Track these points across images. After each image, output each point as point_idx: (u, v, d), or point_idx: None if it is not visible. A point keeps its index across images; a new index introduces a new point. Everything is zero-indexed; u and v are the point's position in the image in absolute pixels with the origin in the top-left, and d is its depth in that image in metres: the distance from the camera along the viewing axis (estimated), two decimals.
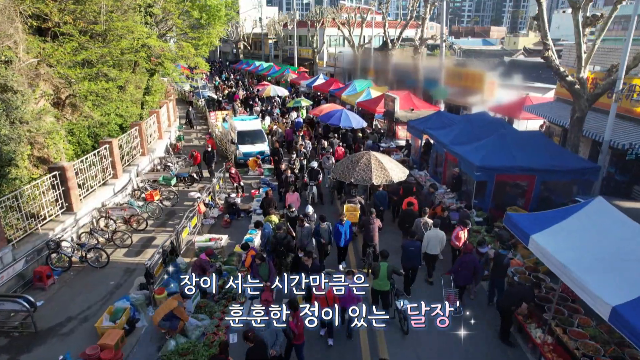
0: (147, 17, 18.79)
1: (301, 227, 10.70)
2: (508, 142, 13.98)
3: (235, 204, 14.26)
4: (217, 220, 14.32)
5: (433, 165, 17.82)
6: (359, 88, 28.58)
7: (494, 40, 79.00)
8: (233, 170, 16.08)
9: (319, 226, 10.77)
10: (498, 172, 13.31)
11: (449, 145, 15.56)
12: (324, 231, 10.74)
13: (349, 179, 12.37)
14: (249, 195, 16.42)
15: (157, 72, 21.76)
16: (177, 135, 24.00)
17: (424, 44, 29.39)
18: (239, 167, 19.48)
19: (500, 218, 13.68)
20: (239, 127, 20.09)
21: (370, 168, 12.31)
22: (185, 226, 11.83)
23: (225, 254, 11.48)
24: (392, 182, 12.26)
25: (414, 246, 10.04)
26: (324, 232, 10.76)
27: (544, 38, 13.45)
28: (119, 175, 15.20)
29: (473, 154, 13.91)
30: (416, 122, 19.41)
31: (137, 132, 17.50)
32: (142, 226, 13.46)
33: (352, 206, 13.31)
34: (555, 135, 20.42)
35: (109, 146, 14.68)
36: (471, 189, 14.65)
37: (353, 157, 12.94)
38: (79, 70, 13.90)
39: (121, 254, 12.03)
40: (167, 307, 8.19)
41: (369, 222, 11.28)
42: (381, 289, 8.83)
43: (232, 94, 35.30)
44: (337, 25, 40.93)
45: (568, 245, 7.58)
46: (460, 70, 28.54)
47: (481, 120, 17.09)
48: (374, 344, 8.55)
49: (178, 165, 18.58)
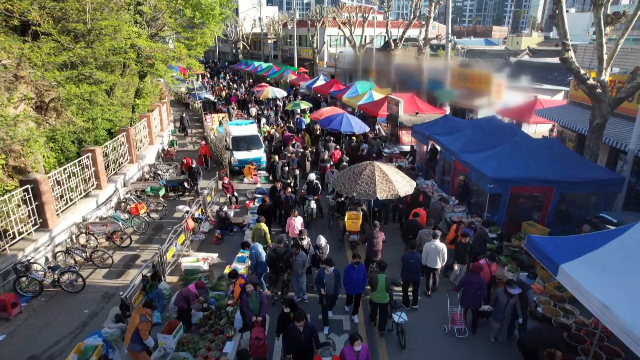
0: (136, 16, 17.71)
1: (295, 256, 9.43)
2: (523, 151, 12.91)
3: (228, 218, 13.16)
4: (208, 235, 13.24)
5: (440, 173, 16.72)
6: (360, 90, 27.50)
7: (497, 40, 77.87)
8: (226, 180, 15.00)
9: (323, 272, 8.62)
10: (513, 184, 12.23)
11: (458, 153, 14.48)
12: (328, 279, 8.56)
13: (350, 192, 11.29)
14: (243, 207, 15.35)
15: (148, 74, 20.71)
16: (170, 140, 22.89)
17: (428, 44, 28.28)
18: (233, 175, 18.45)
19: (514, 233, 12.67)
20: (234, 132, 18.99)
21: (374, 181, 11.23)
22: (171, 245, 10.75)
23: (213, 278, 10.39)
24: (397, 196, 11.18)
25: (414, 258, 9.59)
26: (329, 281, 8.58)
27: (564, 38, 12.35)
28: (103, 186, 14.12)
29: (485, 164, 12.84)
30: (421, 127, 18.33)
31: (125, 139, 16.41)
32: (126, 242, 12.38)
33: (355, 213, 12.34)
34: (568, 140, 19.31)
35: (92, 155, 13.60)
36: (483, 201, 13.57)
37: (355, 167, 11.85)
38: (58, 73, 12.82)
39: (101, 275, 10.94)
40: (132, 324, 7.14)
41: (372, 235, 10.51)
42: (380, 301, 8.57)
43: (229, 96, 34.21)
44: (337, 25, 39.82)
45: (608, 280, 6.49)
46: (466, 71, 27.42)
47: (491, 125, 16.02)
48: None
49: (169, 173, 17.49)
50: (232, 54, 76.60)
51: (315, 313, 9.34)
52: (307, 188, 13.64)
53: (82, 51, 13.73)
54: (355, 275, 8.59)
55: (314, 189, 13.52)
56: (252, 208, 14.66)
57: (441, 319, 9.36)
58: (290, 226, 11.18)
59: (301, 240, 10.12)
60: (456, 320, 9.15)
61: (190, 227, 11.95)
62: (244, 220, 13.72)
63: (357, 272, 8.63)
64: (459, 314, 9.17)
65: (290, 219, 11.30)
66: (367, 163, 11.82)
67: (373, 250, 10.53)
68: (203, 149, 19.36)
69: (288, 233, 10.82)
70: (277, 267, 9.51)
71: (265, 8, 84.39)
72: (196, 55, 22.60)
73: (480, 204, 13.76)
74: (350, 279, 8.62)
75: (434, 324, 9.33)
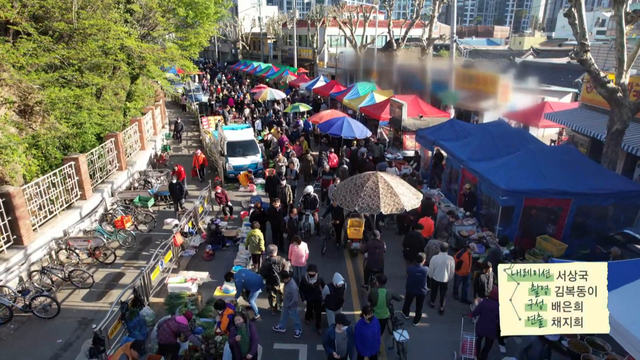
0: (126, 15, 16.80)
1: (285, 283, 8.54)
2: (537, 160, 12.01)
3: (220, 232, 12.25)
4: (199, 250, 12.33)
5: (446, 181, 15.81)
6: (361, 92, 26.58)
7: (499, 40, 76.96)
8: (219, 189, 14.08)
9: (333, 331, 7.06)
10: (527, 195, 11.34)
11: (466, 161, 13.58)
12: (340, 339, 7.05)
13: (352, 206, 10.38)
14: (237, 218, 14.44)
15: (140, 76, 19.80)
16: (163, 144, 21.97)
17: (431, 44, 27.34)
18: (228, 182, 17.55)
19: (528, 249, 11.76)
20: (229, 137, 18.08)
21: (378, 194, 10.32)
22: (156, 265, 9.85)
23: (201, 303, 9.48)
24: (403, 210, 10.27)
25: (420, 272, 9.07)
26: (341, 342, 7.07)
27: (582, 38, 11.42)
28: (87, 196, 13.23)
29: (497, 174, 11.93)
30: (426, 132, 17.43)
31: (113, 145, 15.52)
32: (110, 259, 11.49)
33: (357, 220, 11.55)
34: (580, 146, 18.39)
35: (75, 163, 12.71)
36: (493, 213, 12.66)
37: (357, 179, 10.93)
38: (36, 76, 11.92)
39: (80, 296, 10.04)
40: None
41: (374, 245, 9.94)
42: (379, 317, 8.08)
43: (226, 97, 33.30)
44: (338, 25, 38.90)
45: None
46: (471, 72, 26.48)
47: (500, 131, 15.11)
48: None
49: (160, 181, 16.57)
50: (232, 54, 75.70)
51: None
52: (303, 202, 12.61)
53: (65, 52, 12.82)
54: (368, 332, 7.12)
55: (311, 202, 12.51)
56: (247, 220, 13.75)
57: (449, 343, 8.58)
58: (294, 254, 9.79)
59: (310, 277, 8.41)
60: (466, 349, 8.34)
61: (178, 243, 11.05)
62: (237, 234, 12.82)
63: (370, 328, 7.15)
64: (470, 343, 8.35)
65: (292, 245, 9.87)
66: (369, 174, 10.90)
67: (374, 260, 9.99)
68: (197, 159, 17.78)
69: (290, 260, 9.73)
70: (271, 277, 9.03)
71: (265, 8, 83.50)
72: (191, 56, 21.69)
73: (491, 215, 12.86)
74: (362, 337, 7.13)
75: (440, 345, 8.61)
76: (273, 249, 9.36)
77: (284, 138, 20.45)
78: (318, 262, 9.70)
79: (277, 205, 11.74)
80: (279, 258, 9.24)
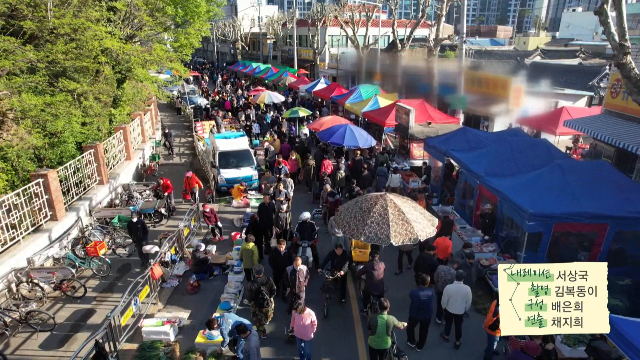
0: (107, 14, 15.35)
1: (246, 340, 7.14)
2: (567, 177, 10.55)
3: (206, 260, 10.78)
4: (183, 279, 10.87)
5: (459, 196, 14.32)
6: (364, 95, 25.12)
7: (503, 40, 75.46)
8: (208, 207, 12.61)
9: None
10: (557, 220, 9.88)
11: (484, 177, 12.11)
12: None
13: (358, 235, 8.90)
14: (228, 239, 12.98)
15: (127, 80, 18.34)
16: (152, 153, 20.49)
17: (439, 44, 25.84)
18: (220, 196, 16.10)
19: None
20: (221, 146, 16.60)
21: (387, 220, 8.84)
22: (128, 304, 8.40)
23: (178, 355, 8.01)
24: (416, 241, 8.80)
25: (425, 295, 8.32)
26: None
27: (622, 38, 9.94)
28: (59, 216, 11.78)
29: (521, 195, 10.46)
30: (436, 141, 15.95)
31: (93, 156, 14.07)
32: (80, 292, 10.04)
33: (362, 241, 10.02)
34: (604, 156, 16.91)
35: (44, 180, 11.26)
36: (516, 237, 11.20)
37: (363, 202, 9.45)
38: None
39: (37, 343, 8.60)
40: None
41: (372, 267, 9.15)
42: (379, 347, 7.51)
43: (222, 100, 31.83)
44: (339, 24, 37.42)
45: None
46: (480, 74, 24.99)
47: (519, 141, 13.66)
48: None
49: (144, 196, 15.11)
50: (231, 54, 74.31)
51: None
52: (299, 231, 10.72)
53: (33, 55, 11.38)
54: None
55: (308, 231, 10.65)
56: (239, 242, 12.31)
57: None
58: (297, 324, 7.78)
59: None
60: None
61: (157, 276, 9.58)
62: (226, 260, 11.35)
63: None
64: None
65: (294, 313, 7.85)
66: (377, 197, 9.40)
67: (373, 283, 9.17)
68: (188, 181, 14.82)
69: (293, 329, 8.06)
70: (258, 299, 8.37)
71: (265, 7, 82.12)
72: (182, 58, 20.25)
73: (513, 240, 11.39)
74: None
75: None
76: (260, 269, 8.51)
77: (286, 146, 19.01)
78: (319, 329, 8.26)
79: (283, 248, 9.63)
80: (266, 278, 8.52)
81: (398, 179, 16.21)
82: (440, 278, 9.30)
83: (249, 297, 8.51)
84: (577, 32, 76.95)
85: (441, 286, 9.37)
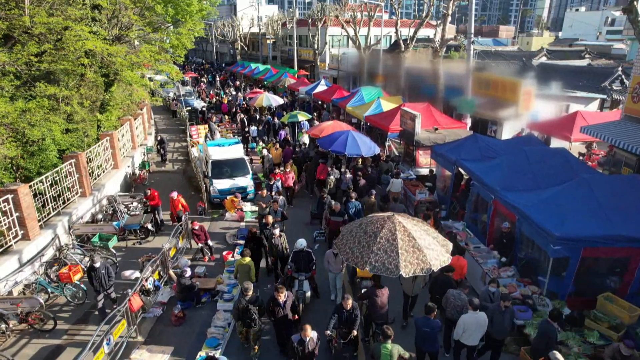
0: (92, 13, 14.27)
1: None
2: (596, 194, 9.47)
3: (193, 286, 9.68)
4: (168, 307, 9.77)
5: (471, 210, 13.21)
6: (367, 98, 24.00)
7: (505, 40, 74.30)
8: (197, 225, 11.52)
9: None
10: (587, 244, 8.77)
11: (500, 191, 11.02)
12: None
13: (362, 264, 7.80)
14: (219, 259, 11.88)
15: (116, 83, 17.26)
16: (142, 160, 19.38)
17: (445, 44, 24.71)
18: (213, 208, 15.01)
19: (584, 309, 9.21)
20: (214, 155, 15.50)
21: (396, 247, 7.74)
22: (100, 344, 7.30)
23: None
24: (430, 271, 7.70)
25: (430, 327, 7.45)
26: None
27: None
28: (32, 236, 10.68)
29: (544, 213, 9.38)
30: (445, 150, 14.85)
31: (74, 167, 12.98)
32: (50, 325, 8.95)
33: None
34: (624, 165, 15.79)
35: (14, 196, 10.17)
36: (536, 260, 10.11)
37: (368, 225, 8.33)
38: None
39: None
40: None
41: (374, 293, 8.22)
42: None
43: (220, 102, 30.73)
44: (340, 24, 36.30)
45: None
46: (488, 76, 23.87)
47: (537, 151, 12.51)
48: None
49: (132, 209, 14.01)
50: (230, 55, 73.22)
51: None
52: (294, 261, 9.36)
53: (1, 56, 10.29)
54: None
55: (305, 262, 9.34)
56: (231, 262, 11.21)
57: None
58: None
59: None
60: None
61: (135, 308, 8.48)
62: (216, 285, 10.24)
63: None
64: None
65: None
66: (384, 219, 8.29)
67: (376, 312, 8.28)
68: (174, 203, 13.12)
69: None
70: (245, 319, 7.80)
71: (265, 7, 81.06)
72: (175, 60, 19.17)
73: (532, 263, 10.29)
74: None
75: None
76: (248, 287, 7.87)
77: (289, 151, 17.90)
78: None
79: (282, 298, 7.82)
80: (255, 297, 7.90)
81: (399, 184, 15.19)
82: (450, 303, 8.34)
83: (235, 316, 7.97)
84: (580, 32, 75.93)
85: (450, 312, 8.41)
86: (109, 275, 9.10)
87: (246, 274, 9.27)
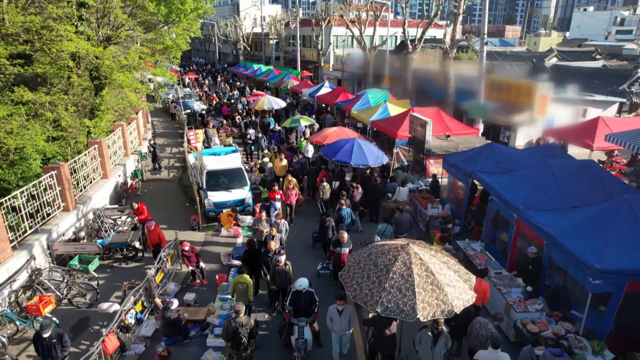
0: (78, 11, 13.19)
1: None
2: (639, 218, 8.24)
3: (180, 320, 8.55)
4: (151, 343, 8.66)
5: (489, 228, 12.03)
6: (373, 101, 22.88)
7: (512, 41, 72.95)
8: (187, 246, 10.40)
9: None
10: (633, 278, 7.58)
11: (524, 211, 9.84)
12: None
13: (373, 304, 6.65)
14: (212, 282, 10.74)
15: (106, 86, 16.19)
16: (134, 169, 18.27)
17: (456, 45, 23.50)
18: (207, 223, 13.91)
19: (626, 352, 8.04)
20: (209, 164, 14.39)
21: (412, 285, 6.59)
22: None
23: None
24: (452, 313, 6.54)
25: None
26: None
27: None
28: (3, 259, 9.60)
29: (579, 240, 8.22)
30: (458, 159, 13.70)
31: (56, 179, 11.90)
32: None
33: None
34: None
35: None
36: (569, 291, 8.93)
37: (378, 256, 7.17)
38: None
39: None
40: None
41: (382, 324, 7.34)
42: None
43: (220, 105, 29.65)
44: (345, 24, 35.15)
45: None
46: (501, 79, 22.63)
47: (563, 164, 11.28)
48: None
49: (120, 223, 12.92)
50: (233, 55, 72.18)
51: None
52: (293, 304, 8.01)
53: None
54: None
55: (306, 304, 8.00)
56: (224, 287, 10.10)
57: None
58: None
59: None
60: None
61: (110, 350, 7.36)
62: (206, 316, 9.12)
63: None
64: None
65: None
66: (397, 249, 7.13)
67: (382, 341, 7.44)
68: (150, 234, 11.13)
69: None
70: (236, 341, 7.31)
71: (268, 6, 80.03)
72: (171, 62, 18.09)
73: (562, 293, 9.12)
74: None
75: None
76: (239, 309, 7.45)
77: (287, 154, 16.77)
78: None
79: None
80: (246, 319, 7.46)
81: (406, 192, 14.13)
82: (475, 331, 7.33)
83: (225, 338, 7.55)
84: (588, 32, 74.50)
85: (472, 342, 7.33)
86: (63, 345, 7.24)
87: (244, 294, 8.62)
